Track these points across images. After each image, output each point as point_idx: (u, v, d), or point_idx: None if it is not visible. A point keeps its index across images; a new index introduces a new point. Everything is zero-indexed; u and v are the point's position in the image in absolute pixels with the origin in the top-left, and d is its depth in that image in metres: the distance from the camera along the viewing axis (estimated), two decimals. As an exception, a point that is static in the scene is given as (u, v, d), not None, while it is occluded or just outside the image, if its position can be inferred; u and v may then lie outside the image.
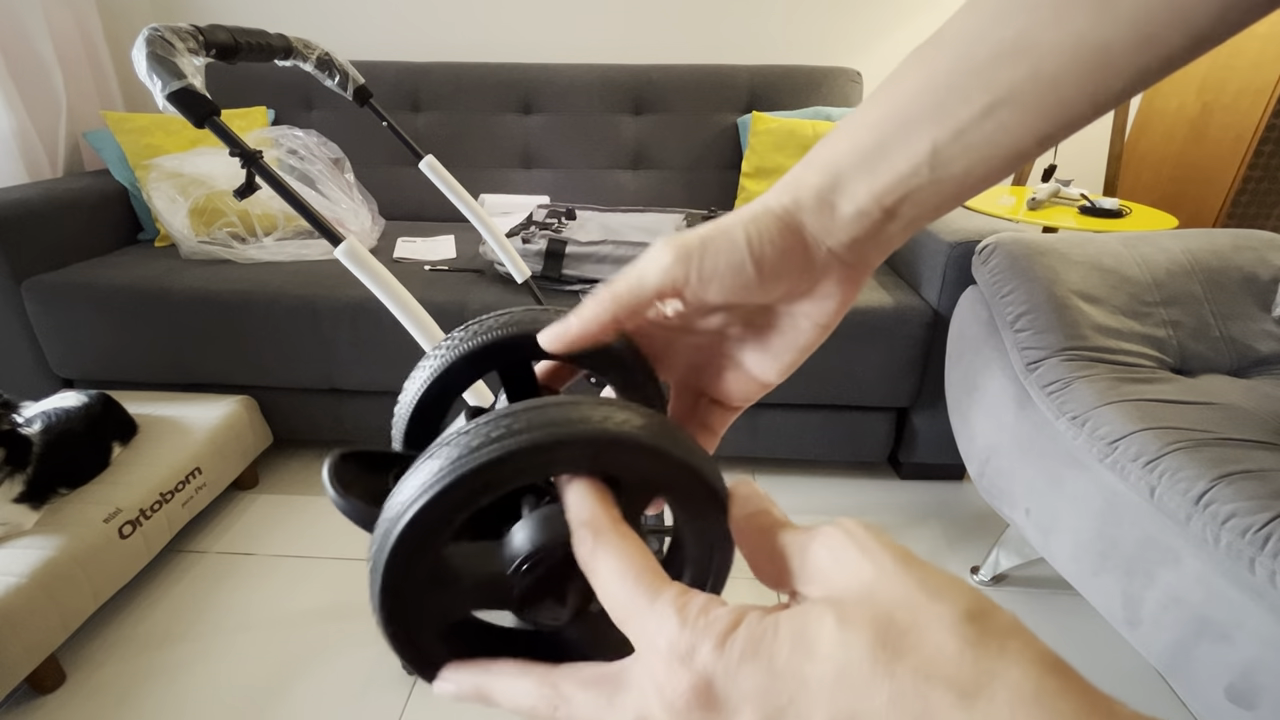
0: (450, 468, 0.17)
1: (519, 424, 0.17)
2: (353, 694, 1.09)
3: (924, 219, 0.23)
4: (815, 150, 0.24)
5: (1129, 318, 1.08)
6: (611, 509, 0.19)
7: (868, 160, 0.22)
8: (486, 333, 0.25)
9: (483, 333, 0.25)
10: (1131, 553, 0.88)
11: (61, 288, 1.49)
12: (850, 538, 0.17)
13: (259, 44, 0.80)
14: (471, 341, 0.25)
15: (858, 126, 0.23)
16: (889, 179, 0.22)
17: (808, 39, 2.11)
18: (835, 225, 0.23)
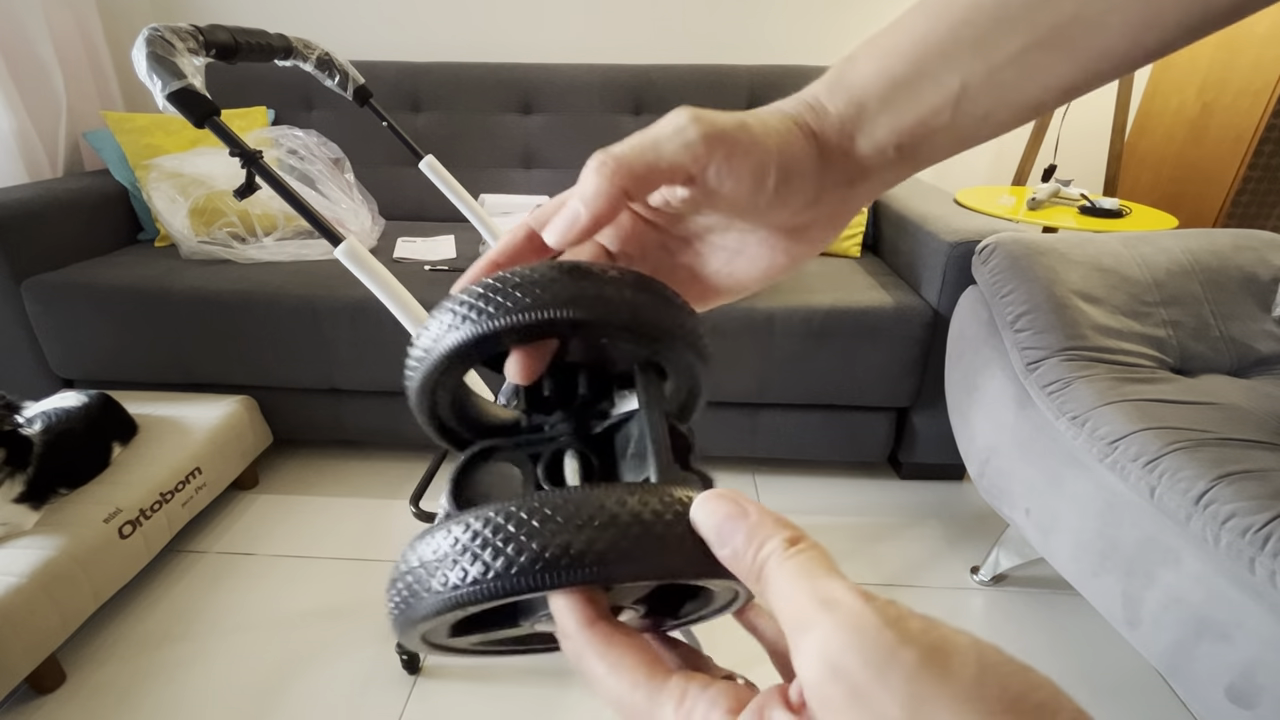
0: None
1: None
2: (353, 694, 1.09)
3: (930, 159, 0.22)
4: (840, 69, 0.22)
5: (1129, 318, 1.08)
6: (595, 611, 0.18)
7: (895, 93, 0.21)
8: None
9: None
10: (1131, 553, 0.88)
11: (61, 288, 1.49)
12: (835, 678, 0.14)
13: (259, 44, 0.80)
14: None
15: (888, 52, 0.21)
16: (912, 117, 0.21)
17: (808, 39, 2.11)
18: (848, 161, 0.22)
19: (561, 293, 0.19)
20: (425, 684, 1.11)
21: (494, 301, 0.19)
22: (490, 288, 0.20)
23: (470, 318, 0.19)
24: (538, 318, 0.19)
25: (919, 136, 0.21)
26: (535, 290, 0.19)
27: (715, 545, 0.17)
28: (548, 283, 0.20)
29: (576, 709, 1.07)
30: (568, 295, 0.19)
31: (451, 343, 0.20)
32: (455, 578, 0.16)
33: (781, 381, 1.46)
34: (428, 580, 0.17)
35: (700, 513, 0.17)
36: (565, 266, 0.20)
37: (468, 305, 0.20)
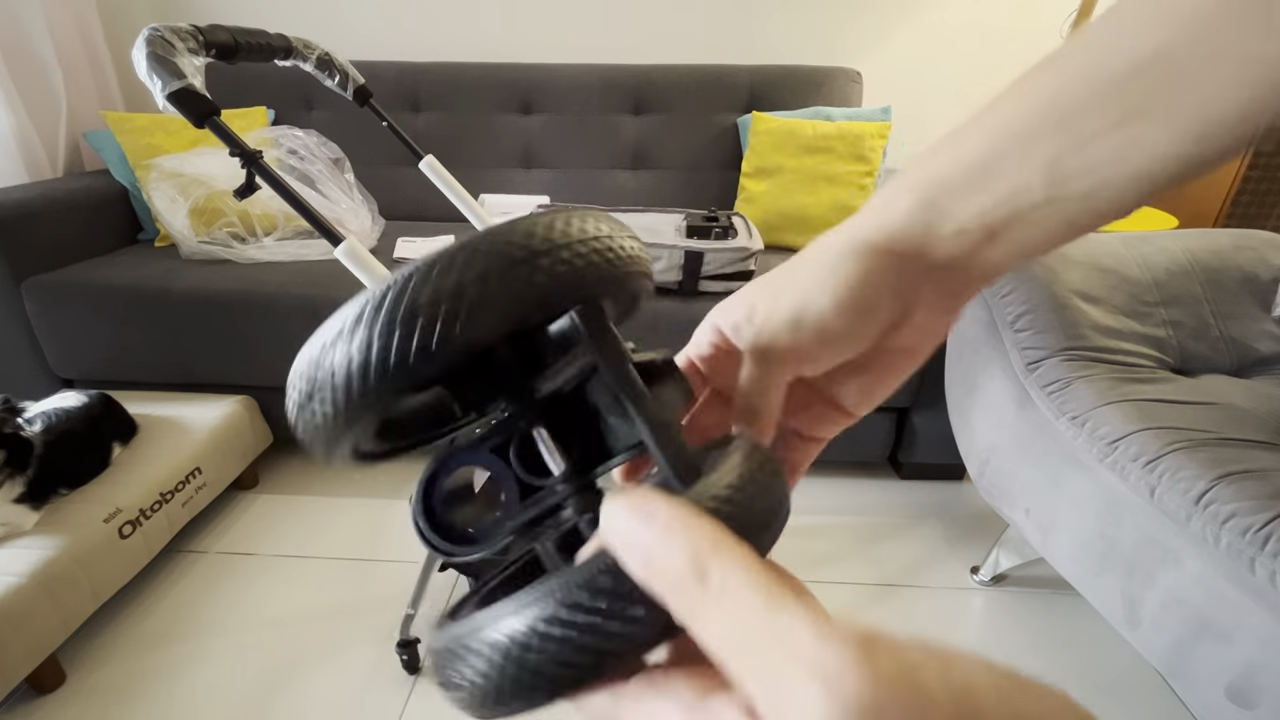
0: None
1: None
2: (353, 694, 1.09)
3: (1035, 246, 0.21)
4: (907, 172, 0.22)
5: (1129, 318, 1.08)
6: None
7: (972, 175, 0.20)
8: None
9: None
10: (1131, 553, 0.88)
11: (61, 288, 1.49)
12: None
13: (259, 44, 0.80)
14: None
15: (960, 143, 0.21)
16: (996, 195, 0.20)
17: (808, 39, 2.11)
18: (930, 247, 0.21)
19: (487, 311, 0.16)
20: (425, 684, 1.11)
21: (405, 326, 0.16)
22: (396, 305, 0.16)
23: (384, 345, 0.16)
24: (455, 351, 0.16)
25: (1008, 214, 0.20)
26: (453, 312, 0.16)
27: (638, 567, 0.14)
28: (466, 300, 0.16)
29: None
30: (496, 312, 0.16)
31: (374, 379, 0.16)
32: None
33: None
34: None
35: (614, 523, 0.15)
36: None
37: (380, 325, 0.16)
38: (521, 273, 0.17)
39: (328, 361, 0.17)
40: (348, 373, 0.16)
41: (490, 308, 0.16)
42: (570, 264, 0.18)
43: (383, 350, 0.16)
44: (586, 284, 0.18)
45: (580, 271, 0.18)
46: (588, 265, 0.18)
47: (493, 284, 0.16)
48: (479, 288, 0.16)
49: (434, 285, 0.16)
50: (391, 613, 1.21)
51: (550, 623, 0.14)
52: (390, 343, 0.16)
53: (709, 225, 1.46)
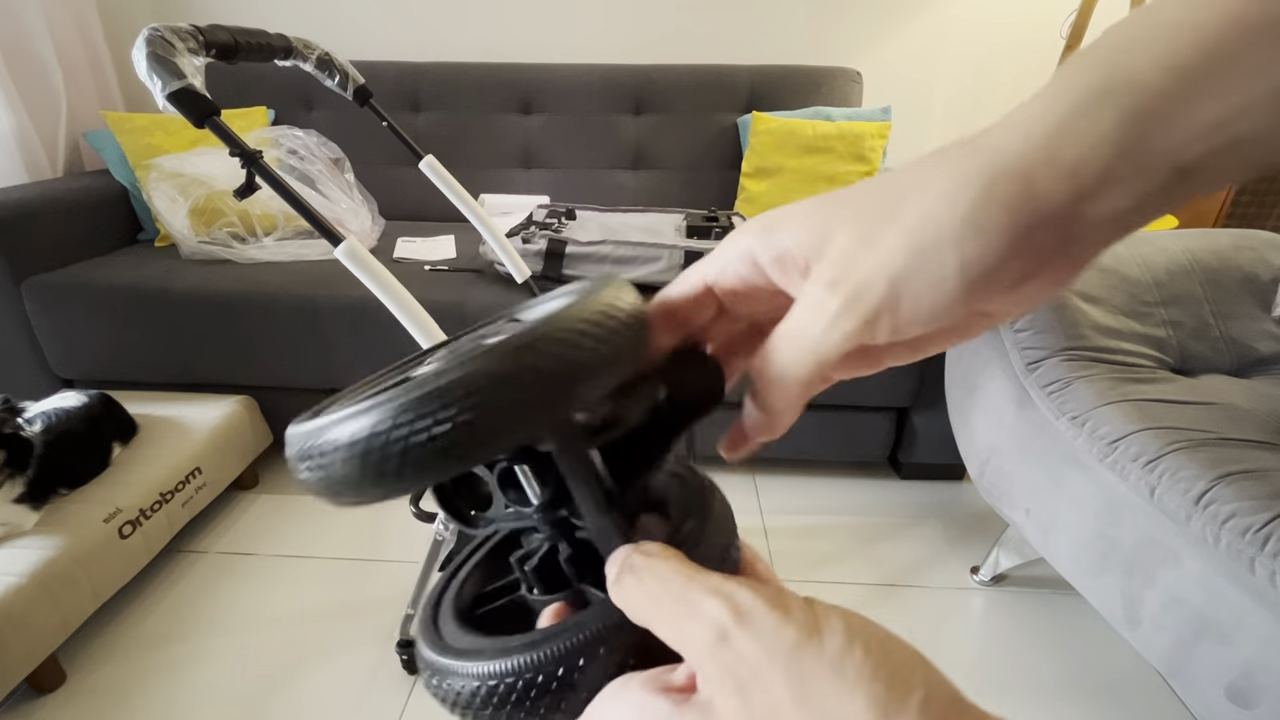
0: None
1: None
2: (353, 694, 1.09)
3: (1205, 189, 0.15)
4: (1064, 77, 0.16)
5: (1129, 318, 1.08)
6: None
7: (1173, 89, 0.14)
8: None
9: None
10: (1131, 553, 0.88)
11: (61, 288, 1.48)
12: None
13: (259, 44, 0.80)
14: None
15: (1149, 39, 0.15)
16: (1205, 118, 0.14)
17: (808, 39, 2.11)
18: (1096, 195, 0.15)
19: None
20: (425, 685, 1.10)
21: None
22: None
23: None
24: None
25: (1212, 146, 0.14)
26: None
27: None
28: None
29: (576, 709, 1.07)
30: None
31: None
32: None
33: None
34: None
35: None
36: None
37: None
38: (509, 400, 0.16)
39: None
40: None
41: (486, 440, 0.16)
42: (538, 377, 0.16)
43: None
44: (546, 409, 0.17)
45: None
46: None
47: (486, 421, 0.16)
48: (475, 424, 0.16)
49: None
50: (391, 613, 1.21)
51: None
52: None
53: (709, 225, 1.46)
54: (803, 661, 0.15)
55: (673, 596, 0.17)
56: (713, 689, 0.16)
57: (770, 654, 0.15)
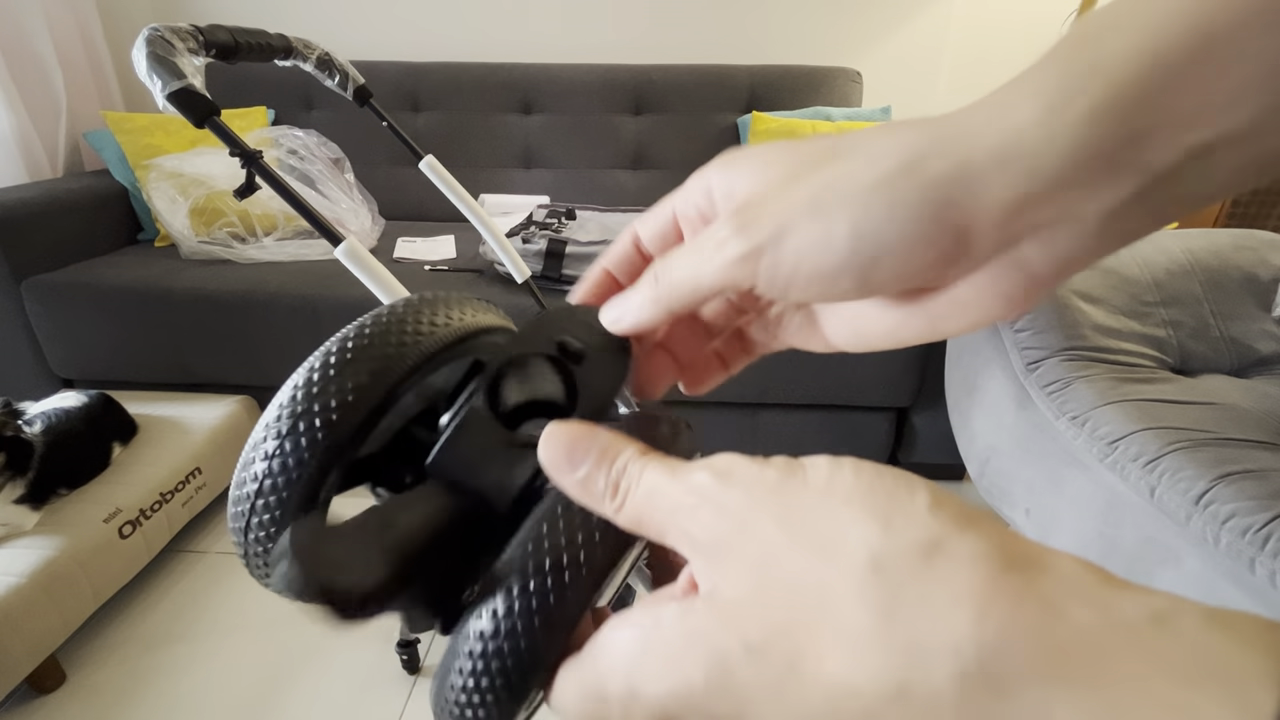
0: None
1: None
2: (353, 694, 1.09)
3: (1188, 202, 0.14)
4: (1036, 67, 0.15)
5: (1129, 318, 1.08)
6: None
7: (1150, 78, 0.13)
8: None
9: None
10: (1131, 553, 0.88)
11: (61, 288, 1.48)
12: (718, 486, 0.15)
13: (259, 44, 0.80)
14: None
15: (1129, 24, 0.13)
16: (1185, 110, 0.13)
17: (808, 39, 2.11)
18: (1049, 198, 0.14)
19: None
20: (425, 684, 1.11)
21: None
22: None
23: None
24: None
25: (1202, 142, 0.13)
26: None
27: (567, 469, 0.16)
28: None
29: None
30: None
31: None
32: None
33: (782, 382, 1.46)
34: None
35: (548, 442, 0.17)
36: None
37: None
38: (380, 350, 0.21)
39: (248, 482, 0.21)
40: (271, 483, 0.20)
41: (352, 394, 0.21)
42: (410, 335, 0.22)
43: (285, 456, 0.20)
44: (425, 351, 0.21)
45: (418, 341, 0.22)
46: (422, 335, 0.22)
47: (346, 376, 0.21)
48: (339, 382, 0.21)
49: (314, 390, 0.21)
50: (391, 613, 1.21)
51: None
52: (290, 450, 0.20)
53: (709, 225, 1.46)
54: (787, 496, 0.14)
55: (641, 501, 0.16)
56: (710, 570, 0.15)
57: (753, 498, 0.14)
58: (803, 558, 0.13)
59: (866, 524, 0.13)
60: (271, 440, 0.20)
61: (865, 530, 0.12)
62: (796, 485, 0.14)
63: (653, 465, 0.16)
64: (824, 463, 0.15)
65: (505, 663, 0.16)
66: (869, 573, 0.12)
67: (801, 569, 0.13)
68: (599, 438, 0.17)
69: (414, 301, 0.22)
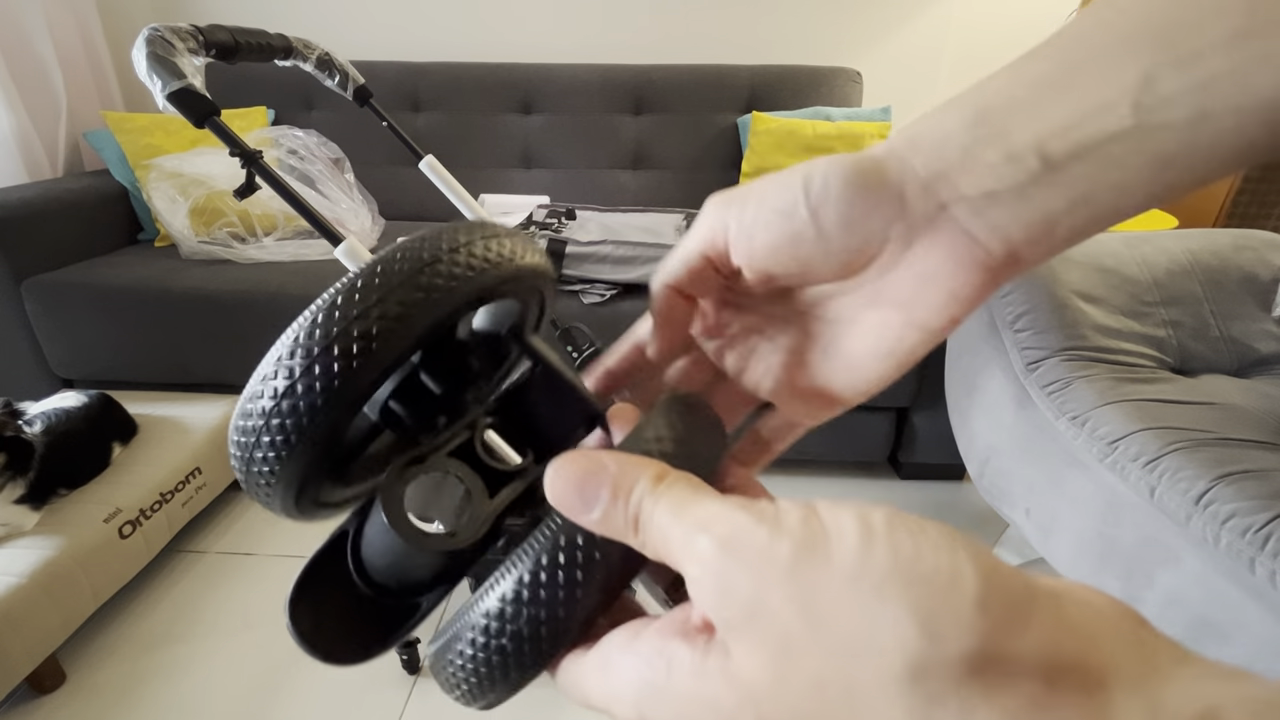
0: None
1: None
2: (353, 694, 1.09)
3: (1112, 198, 0.16)
4: (957, 95, 0.18)
5: (1129, 318, 1.08)
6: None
7: (1036, 93, 0.16)
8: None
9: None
10: (1131, 553, 0.88)
11: (61, 288, 1.48)
12: (726, 558, 0.13)
13: (259, 44, 0.80)
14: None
15: (1026, 61, 0.17)
16: (1064, 115, 0.16)
17: (808, 39, 2.11)
18: (960, 172, 0.17)
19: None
20: (425, 684, 1.11)
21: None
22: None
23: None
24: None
25: (1077, 143, 0.15)
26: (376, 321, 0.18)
27: (581, 510, 0.16)
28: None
29: (577, 708, 1.07)
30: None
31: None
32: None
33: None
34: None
35: (556, 481, 0.16)
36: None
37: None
38: (420, 281, 0.18)
39: (258, 409, 0.18)
40: (280, 412, 0.18)
41: (395, 322, 0.18)
42: (462, 267, 0.19)
43: (309, 383, 0.18)
44: (477, 287, 0.19)
45: (470, 276, 0.19)
46: (475, 270, 0.19)
47: (391, 302, 0.18)
48: (380, 307, 0.18)
49: (341, 315, 0.18)
50: (391, 613, 1.21)
51: (524, 587, 0.16)
52: (314, 375, 0.18)
53: (709, 225, 1.46)
54: (806, 579, 0.12)
55: (658, 542, 0.15)
56: (725, 635, 0.14)
57: (763, 581, 0.13)
58: (829, 655, 0.12)
59: (904, 624, 0.11)
60: (282, 379, 0.18)
61: (903, 632, 0.11)
62: (818, 565, 0.12)
63: (662, 505, 0.15)
64: (852, 533, 0.13)
65: (506, 649, 0.16)
66: (907, 683, 0.11)
67: (828, 666, 0.12)
68: (608, 469, 0.16)
69: (451, 231, 0.20)
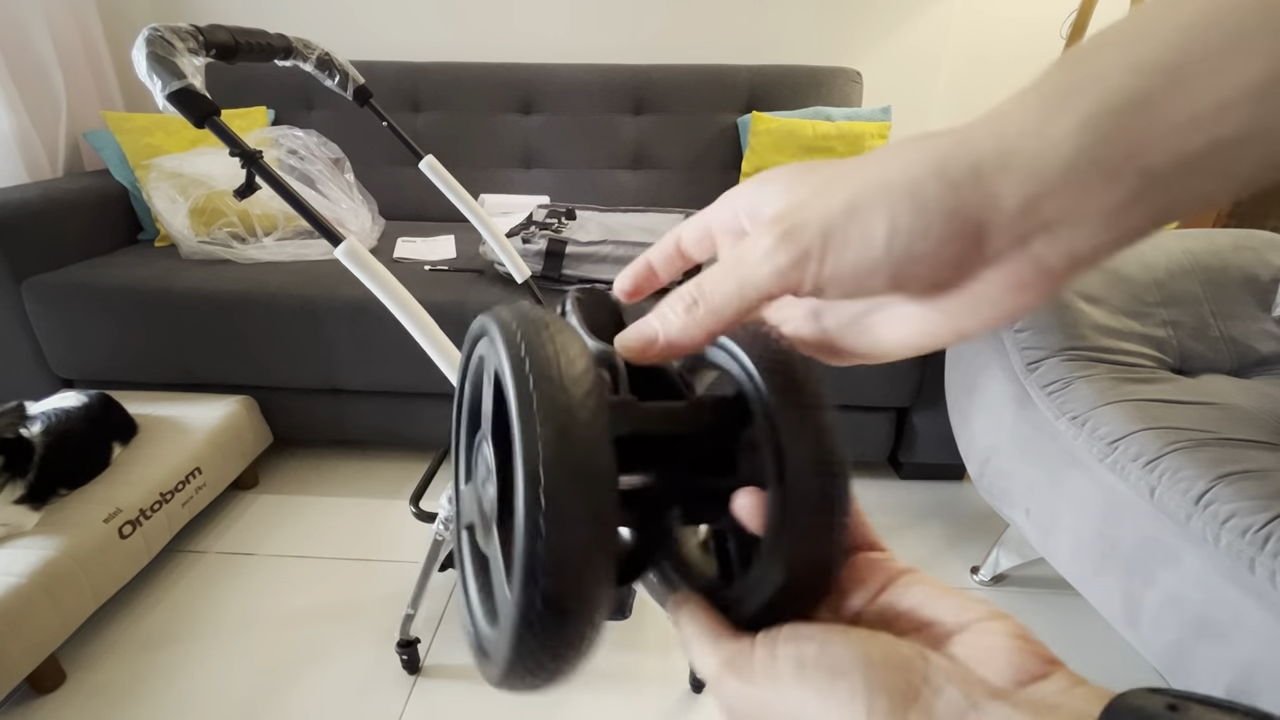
0: None
1: None
2: (353, 694, 1.09)
3: (1192, 207, 0.15)
4: (1039, 77, 0.16)
5: (1129, 318, 1.08)
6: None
7: (1144, 88, 0.14)
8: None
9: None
10: (1131, 553, 0.88)
11: (61, 288, 1.48)
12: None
13: (259, 44, 0.80)
14: None
15: (1126, 39, 0.15)
16: (1175, 119, 0.14)
17: (808, 39, 2.11)
18: (1053, 197, 0.15)
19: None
20: (425, 684, 1.11)
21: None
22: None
23: None
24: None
25: (1185, 153, 0.14)
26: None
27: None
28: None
29: (578, 708, 1.07)
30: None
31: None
32: None
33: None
34: None
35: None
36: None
37: None
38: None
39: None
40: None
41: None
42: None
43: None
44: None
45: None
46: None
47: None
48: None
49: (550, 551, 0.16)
50: (391, 613, 1.21)
51: None
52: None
53: (709, 225, 1.46)
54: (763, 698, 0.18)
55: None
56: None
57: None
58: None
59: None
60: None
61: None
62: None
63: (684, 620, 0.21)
64: (791, 687, 0.17)
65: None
66: None
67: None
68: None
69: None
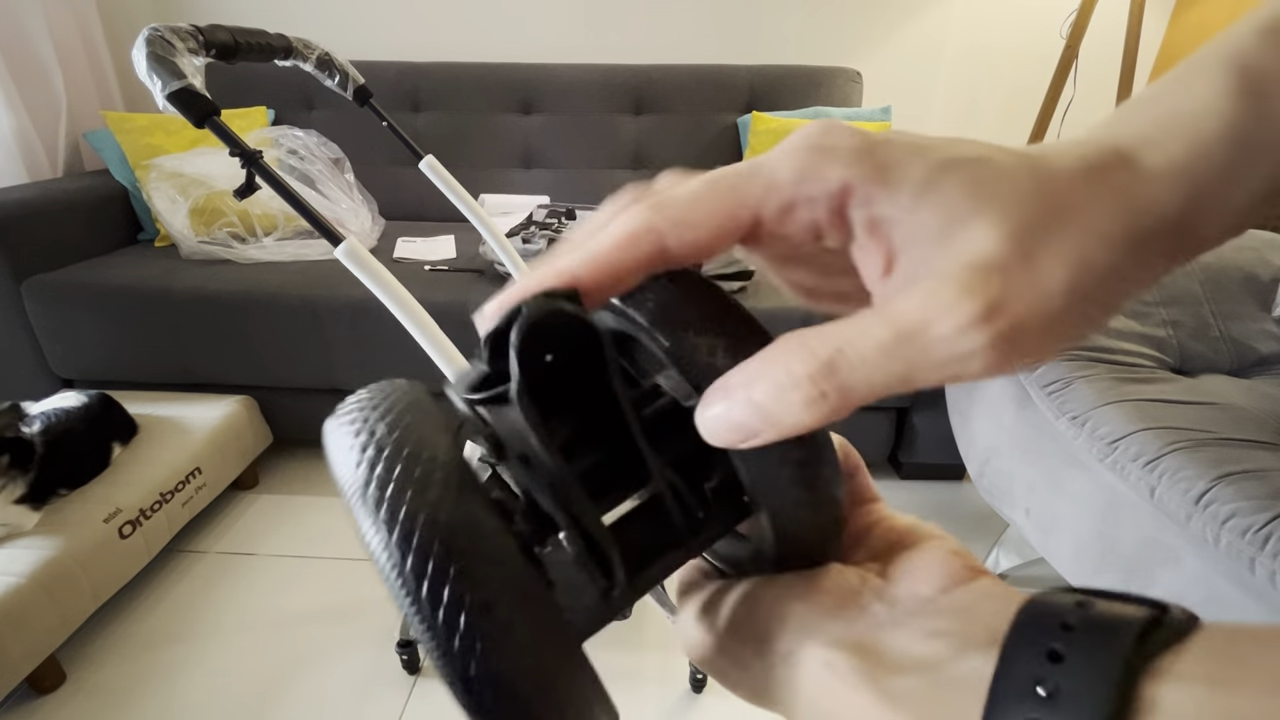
0: None
1: None
2: (353, 694, 1.09)
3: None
4: (1202, 66, 0.15)
5: (1129, 318, 1.08)
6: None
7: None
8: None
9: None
10: (1131, 553, 0.88)
11: (61, 288, 1.48)
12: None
13: (259, 44, 0.80)
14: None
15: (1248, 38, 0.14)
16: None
17: (808, 39, 2.11)
18: (1200, 220, 0.14)
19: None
20: (425, 684, 1.11)
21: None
22: None
23: None
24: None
25: None
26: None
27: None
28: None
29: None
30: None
31: None
32: None
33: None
34: None
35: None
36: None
37: None
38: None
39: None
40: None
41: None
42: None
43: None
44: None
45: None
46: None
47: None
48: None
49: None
50: (391, 613, 1.21)
51: None
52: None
53: (709, 225, 1.46)
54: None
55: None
56: None
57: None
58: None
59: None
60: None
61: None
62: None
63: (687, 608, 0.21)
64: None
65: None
66: None
67: None
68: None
69: None
